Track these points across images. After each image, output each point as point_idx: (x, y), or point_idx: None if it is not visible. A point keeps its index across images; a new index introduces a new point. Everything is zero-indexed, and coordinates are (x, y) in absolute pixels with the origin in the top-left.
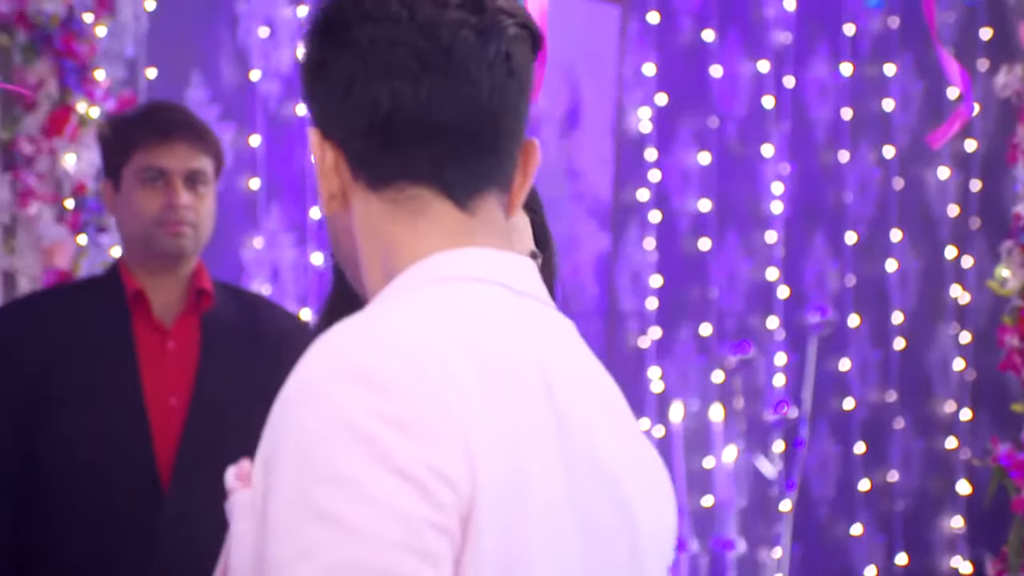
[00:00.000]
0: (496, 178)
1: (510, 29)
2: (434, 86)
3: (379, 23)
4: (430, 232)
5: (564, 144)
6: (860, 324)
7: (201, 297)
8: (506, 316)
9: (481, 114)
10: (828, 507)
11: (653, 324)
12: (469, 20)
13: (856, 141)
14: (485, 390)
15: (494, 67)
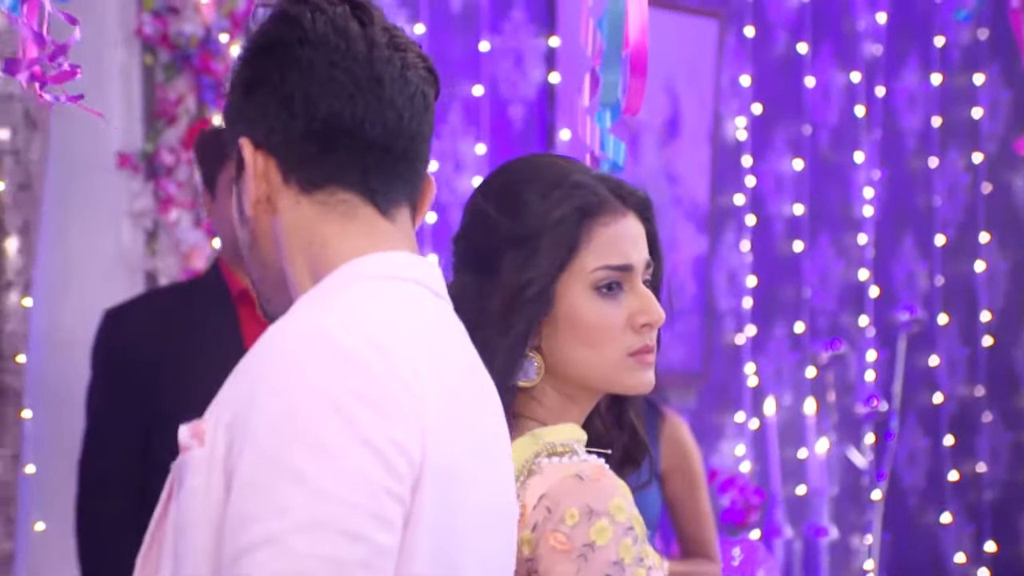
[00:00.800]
0: (409, 194)
1: (422, 71)
2: (367, 107)
3: (319, 48)
4: (356, 234)
5: (664, 151)
6: (948, 322)
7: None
8: (433, 315)
9: (403, 137)
10: (918, 496)
11: (749, 322)
12: (394, 57)
13: (945, 147)
14: (434, 380)
15: (414, 99)
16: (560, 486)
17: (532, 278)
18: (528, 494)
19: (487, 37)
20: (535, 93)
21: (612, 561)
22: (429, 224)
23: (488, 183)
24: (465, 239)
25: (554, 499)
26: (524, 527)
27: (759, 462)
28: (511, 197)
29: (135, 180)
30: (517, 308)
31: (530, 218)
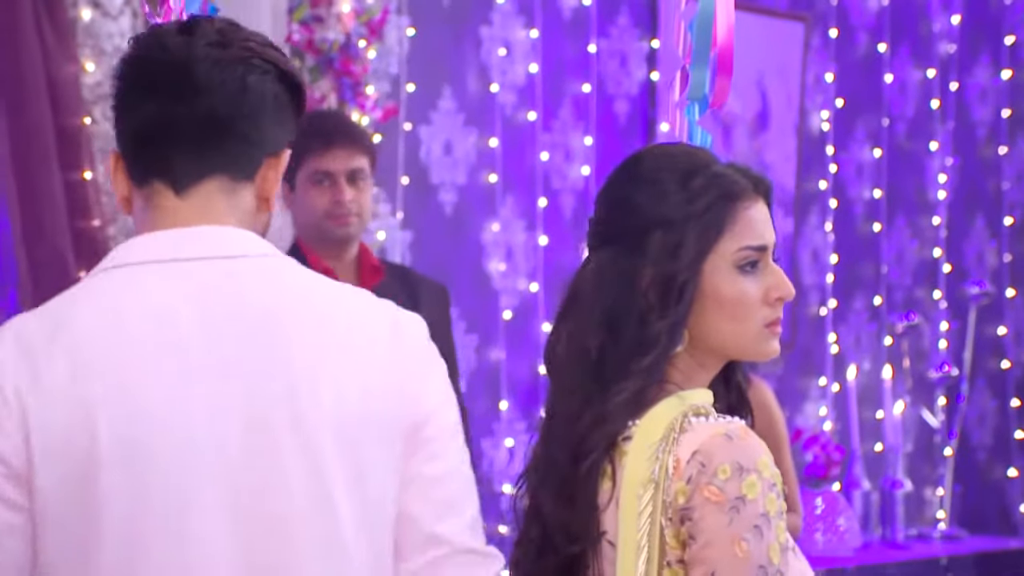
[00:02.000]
0: (223, 167)
1: (253, 60)
2: (169, 101)
3: (123, 66)
4: (153, 218)
5: (754, 142)
6: (1016, 296)
7: (373, 273)
8: (153, 289)
9: (210, 120)
10: (986, 453)
11: (831, 296)
12: (212, 53)
13: (1013, 137)
14: (63, 360)
15: (226, 84)
16: (711, 443)
17: (686, 262)
18: (681, 449)
19: (595, 40)
20: (638, 90)
21: (760, 513)
22: (541, 208)
23: (627, 170)
24: (607, 223)
25: (707, 455)
26: (679, 479)
27: (840, 422)
28: (655, 183)
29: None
30: (673, 289)
31: (677, 203)
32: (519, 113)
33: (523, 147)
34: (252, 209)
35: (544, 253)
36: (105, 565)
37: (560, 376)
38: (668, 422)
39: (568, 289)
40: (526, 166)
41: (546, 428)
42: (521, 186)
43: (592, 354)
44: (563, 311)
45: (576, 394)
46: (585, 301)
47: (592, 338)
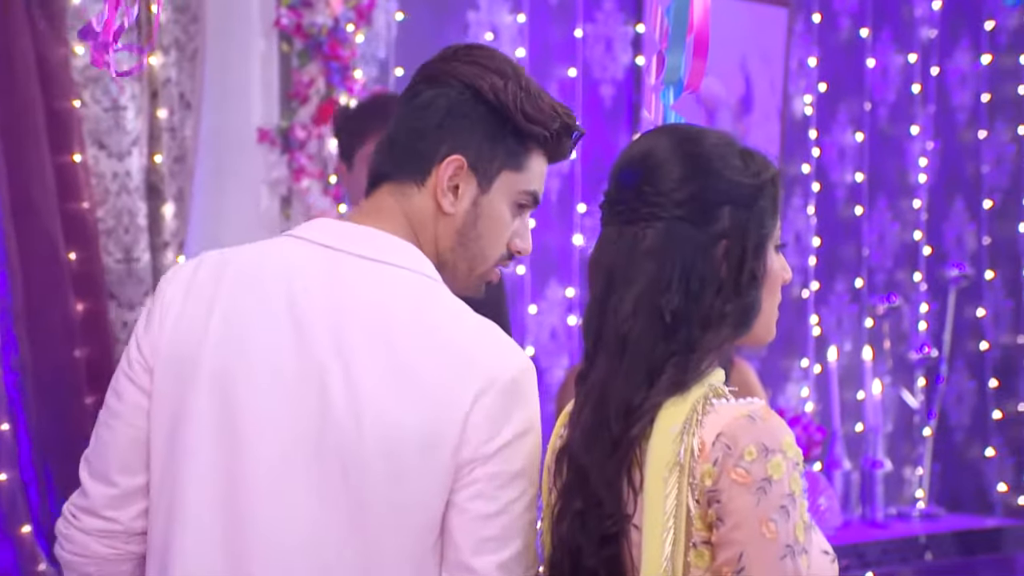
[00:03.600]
0: (392, 176)
1: (435, 87)
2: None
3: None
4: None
5: (738, 126)
6: (994, 278)
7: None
8: (279, 254)
9: (387, 135)
10: (964, 433)
11: (813, 278)
12: (416, 83)
13: (993, 121)
14: (209, 289)
15: (402, 105)
16: (735, 425)
17: (756, 240)
18: (705, 431)
19: (581, 25)
20: (623, 75)
21: (786, 493)
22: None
23: (684, 144)
24: (665, 195)
25: (732, 437)
26: (706, 461)
27: (821, 403)
28: (724, 159)
29: (272, 153)
30: (746, 266)
31: (745, 180)
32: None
33: None
34: (428, 211)
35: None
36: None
37: (616, 341)
38: (691, 404)
39: (597, 266)
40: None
41: (592, 394)
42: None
43: (666, 317)
44: (606, 285)
45: (639, 356)
46: (649, 268)
47: (668, 301)
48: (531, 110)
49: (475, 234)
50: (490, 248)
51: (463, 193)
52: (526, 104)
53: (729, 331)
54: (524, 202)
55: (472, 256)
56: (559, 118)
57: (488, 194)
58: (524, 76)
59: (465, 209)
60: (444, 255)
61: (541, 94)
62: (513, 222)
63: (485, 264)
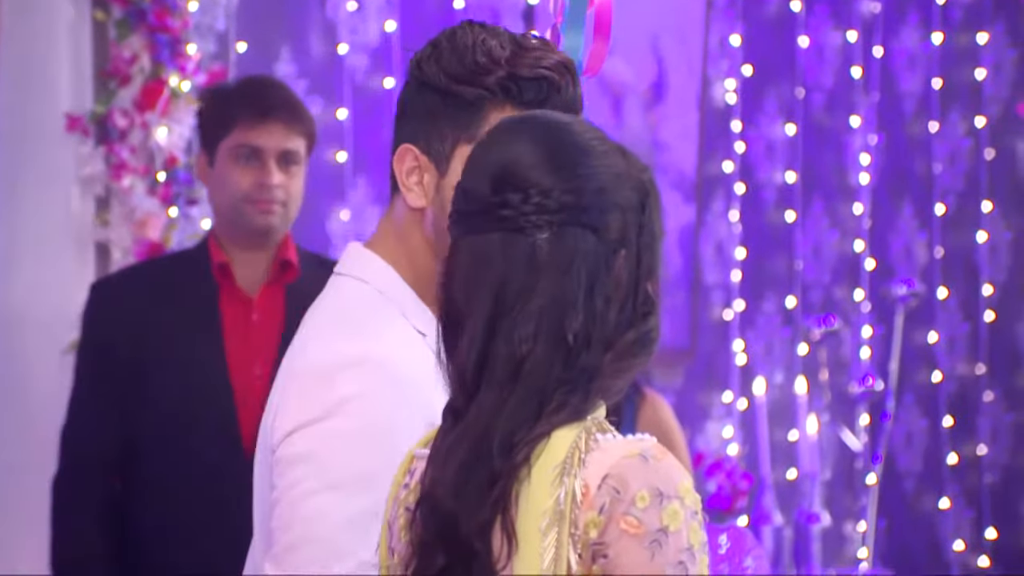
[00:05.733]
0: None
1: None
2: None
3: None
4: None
5: (649, 116)
6: (948, 296)
7: (286, 268)
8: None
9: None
10: (915, 481)
11: (737, 296)
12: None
13: (946, 111)
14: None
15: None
16: (624, 465)
17: (657, 243)
18: (589, 472)
19: None
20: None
21: (684, 547)
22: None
23: (556, 136)
24: (544, 198)
25: (621, 479)
26: (590, 508)
27: (747, 444)
28: (605, 155)
29: (85, 144)
30: (648, 273)
31: (629, 179)
32: (373, 79)
33: (378, 120)
34: (404, 213)
35: None
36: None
37: (509, 367)
38: (571, 440)
39: (477, 282)
40: (382, 142)
41: (471, 430)
42: (376, 166)
43: (570, 339)
44: (495, 304)
45: (534, 384)
46: (551, 282)
47: (573, 320)
48: (456, 68)
49: (446, 223)
50: None
51: (427, 183)
52: (449, 65)
53: (632, 357)
54: None
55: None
56: (500, 66)
57: (447, 176)
58: (462, 33)
59: (432, 199)
60: (439, 252)
61: (479, 43)
62: None
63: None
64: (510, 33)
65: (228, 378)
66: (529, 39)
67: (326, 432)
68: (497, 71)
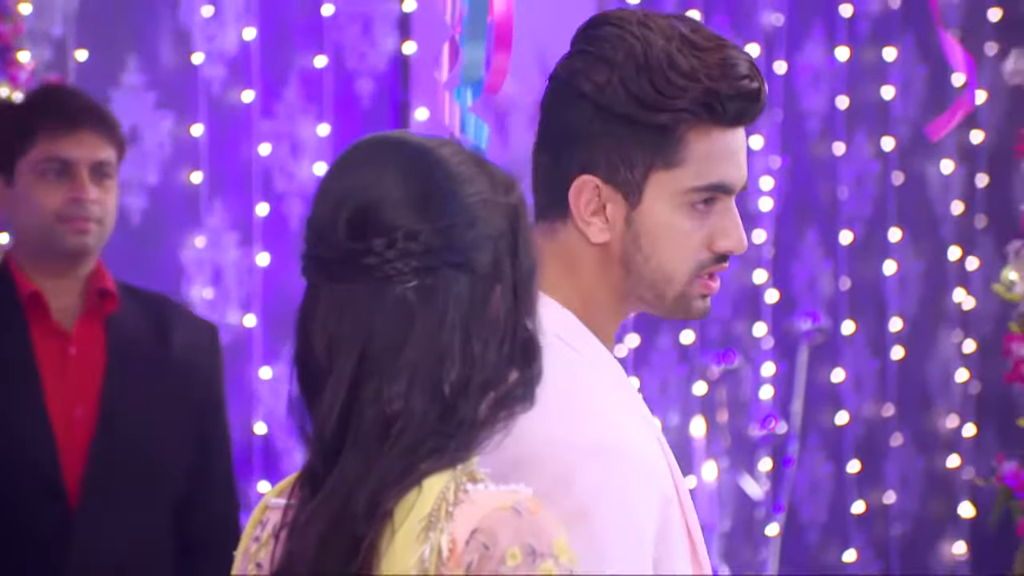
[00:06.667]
0: (540, 212)
1: (552, 89)
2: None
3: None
4: None
5: (534, 135)
6: (855, 331)
7: (103, 299)
8: None
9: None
10: (819, 531)
11: (630, 331)
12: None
13: (852, 132)
14: None
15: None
16: (495, 519)
17: (533, 270)
18: (457, 526)
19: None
20: (386, 65)
21: None
22: (259, 217)
23: (425, 166)
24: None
25: (490, 535)
26: (457, 566)
27: None
28: (473, 181)
29: None
30: (526, 305)
31: (502, 201)
32: (230, 92)
33: (236, 137)
34: (580, 247)
35: (264, 275)
36: None
37: (378, 427)
38: (438, 490)
39: (336, 337)
40: (240, 162)
41: (333, 498)
42: (233, 188)
43: (446, 390)
44: (360, 361)
45: (406, 443)
46: (422, 333)
47: (449, 371)
48: (649, 93)
49: (641, 257)
50: (670, 264)
51: (613, 215)
52: (641, 89)
53: (516, 401)
54: (700, 199)
55: (651, 282)
56: (697, 82)
57: (640, 207)
58: (645, 50)
59: (620, 233)
60: (622, 290)
61: (674, 59)
62: (695, 225)
63: (674, 284)
64: (675, 27)
65: (47, 421)
66: (701, 35)
67: (583, 538)
68: (692, 89)
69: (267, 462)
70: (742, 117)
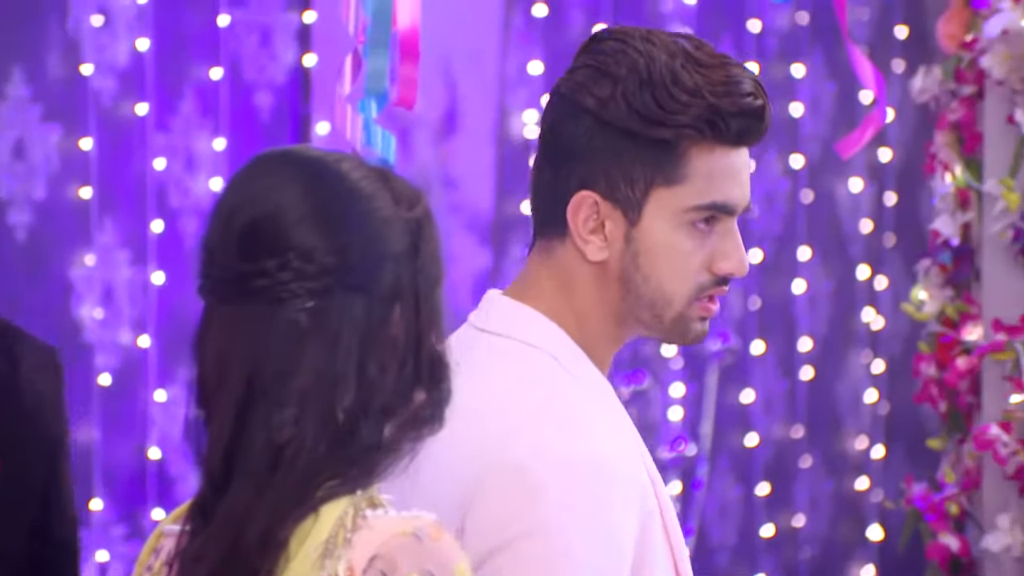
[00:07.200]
0: (536, 231)
1: (554, 105)
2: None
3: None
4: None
5: (440, 150)
6: (765, 352)
7: None
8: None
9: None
10: (729, 554)
11: None
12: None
13: (762, 149)
14: None
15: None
16: (395, 545)
17: (438, 287)
18: (356, 554)
19: (227, 9)
20: (286, 77)
21: None
22: (154, 234)
23: (315, 185)
24: (307, 256)
25: (390, 561)
26: None
27: None
28: (372, 199)
29: None
30: (430, 325)
31: (404, 216)
32: (122, 105)
33: (128, 151)
34: (577, 265)
35: (158, 295)
36: None
37: (267, 455)
38: (336, 517)
39: (226, 361)
40: (132, 177)
41: (223, 531)
42: (126, 204)
43: (339, 416)
44: (248, 387)
45: (298, 471)
46: (315, 357)
47: (342, 396)
48: (652, 108)
49: (641, 277)
50: (670, 284)
51: (612, 233)
52: (644, 104)
53: (421, 424)
54: (701, 217)
55: (650, 302)
56: (701, 98)
57: (640, 224)
58: (648, 65)
59: (619, 251)
60: (619, 311)
61: (677, 75)
62: (696, 245)
63: (673, 306)
64: (679, 43)
65: None
66: (705, 52)
67: (541, 551)
68: (695, 106)
69: (161, 488)
70: (746, 136)
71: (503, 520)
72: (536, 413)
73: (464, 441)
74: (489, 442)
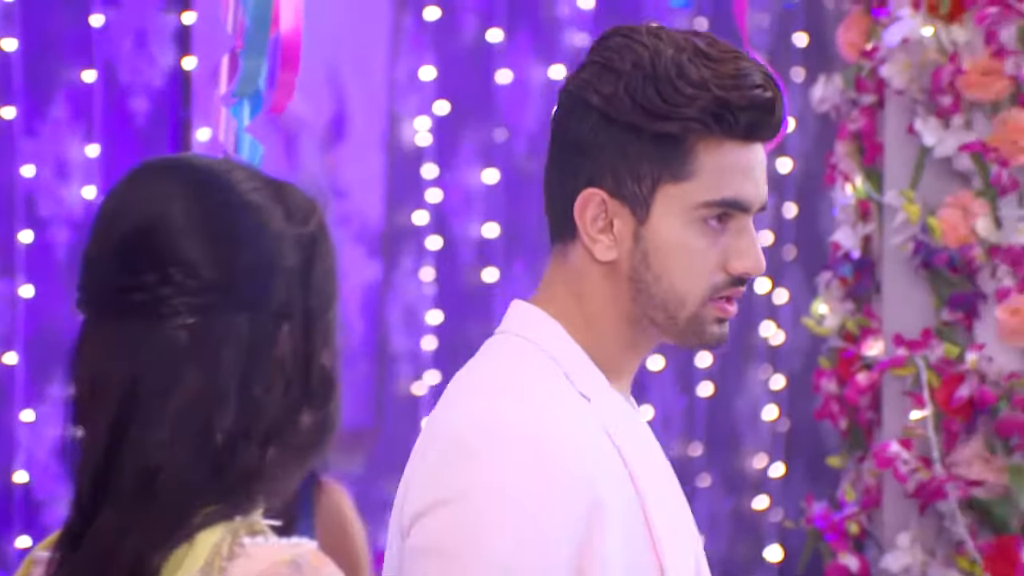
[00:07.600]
0: (552, 235)
1: (561, 106)
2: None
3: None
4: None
5: (327, 158)
6: (664, 368)
7: None
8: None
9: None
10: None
11: (430, 367)
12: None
13: None
14: None
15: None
16: (273, 575)
17: (330, 306)
18: None
19: (100, 9)
20: (163, 81)
21: None
22: (22, 245)
23: (201, 196)
24: (197, 270)
25: None
26: None
27: None
28: (261, 210)
29: None
30: (322, 344)
31: (296, 230)
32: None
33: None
34: (587, 266)
35: (27, 309)
36: None
37: (138, 480)
38: (211, 544)
39: (99, 380)
40: (0, 185)
41: (89, 562)
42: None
43: (218, 439)
44: (121, 407)
45: (174, 498)
46: (192, 377)
47: (222, 418)
48: (655, 102)
49: (652, 276)
50: (682, 284)
51: (620, 231)
52: (647, 98)
53: (306, 448)
54: (713, 215)
55: (662, 303)
56: (707, 91)
57: (649, 222)
58: (653, 59)
59: (629, 250)
60: (631, 312)
61: (683, 69)
62: (708, 243)
63: (687, 306)
64: (690, 39)
65: None
66: (716, 48)
67: (460, 518)
68: (701, 98)
69: (28, 514)
70: (756, 130)
71: (430, 486)
72: (481, 383)
73: (427, 422)
74: (436, 414)
